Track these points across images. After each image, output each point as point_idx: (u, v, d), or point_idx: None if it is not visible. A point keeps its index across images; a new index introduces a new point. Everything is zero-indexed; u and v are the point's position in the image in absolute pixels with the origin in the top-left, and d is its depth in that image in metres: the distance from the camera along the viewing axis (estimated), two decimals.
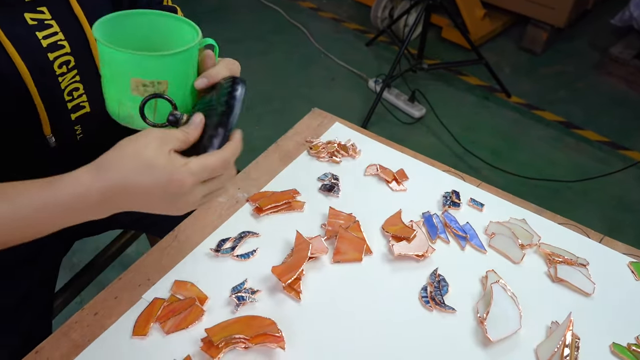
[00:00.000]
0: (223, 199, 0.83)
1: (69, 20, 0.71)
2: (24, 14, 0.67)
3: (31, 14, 0.67)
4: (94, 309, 0.68)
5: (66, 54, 0.71)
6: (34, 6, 0.68)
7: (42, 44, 0.68)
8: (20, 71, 0.65)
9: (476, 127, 2.26)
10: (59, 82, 0.72)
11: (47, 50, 0.68)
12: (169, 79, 0.58)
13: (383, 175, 0.87)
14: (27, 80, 0.66)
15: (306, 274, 0.72)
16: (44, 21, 0.68)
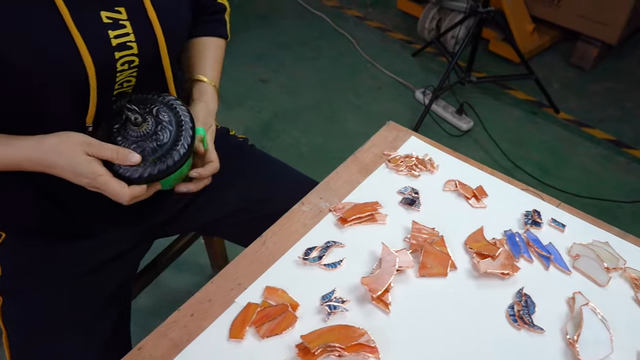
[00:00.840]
0: (306, 208, 0.85)
1: (142, 23, 0.75)
2: (100, 12, 0.71)
3: (108, 13, 0.71)
4: (189, 310, 0.71)
5: (132, 54, 0.74)
6: (112, 5, 0.72)
7: (112, 42, 0.71)
8: (86, 65, 0.69)
9: (524, 142, 2.24)
10: (116, 77, 0.75)
11: (115, 49, 0.72)
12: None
13: (462, 192, 0.88)
14: (90, 74, 0.70)
15: (393, 286, 0.74)
16: (118, 21, 0.72)
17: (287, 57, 2.72)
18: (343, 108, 2.41)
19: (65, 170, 0.71)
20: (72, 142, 0.70)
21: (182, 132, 0.75)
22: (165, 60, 0.79)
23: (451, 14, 2.69)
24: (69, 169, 0.70)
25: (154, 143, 0.74)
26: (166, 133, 0.75)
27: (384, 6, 3.24)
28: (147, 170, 0.73)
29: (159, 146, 0.74)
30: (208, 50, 0.96)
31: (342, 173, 0.91)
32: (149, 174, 0.73)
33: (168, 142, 0.75)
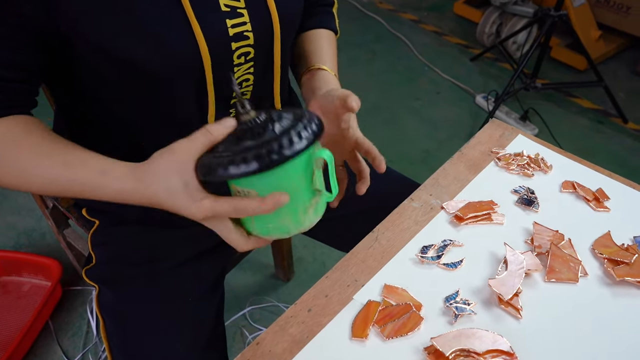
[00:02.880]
0: (416, 204, 0.80)
1: (260, 11, 0.70)
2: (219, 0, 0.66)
3: (226, 0, 0.67)
4: (306, 306, 0.67)
5: (248, 45, 0.70)
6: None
7: (229, 32, 0.67)
8: (203, 57, 0.65)
9: (592, 152, 2.16)
10: (234, 72, 0.71)
11: (232, 39, 0.68)
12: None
13: (582, 193, 0.82)
14: (206, 67, 0.66)
15: (522, 290, 0.68)
16: (236, 9, 0.67)
17: (343, 59, 2.69)
18: (402, 112, 2.36)
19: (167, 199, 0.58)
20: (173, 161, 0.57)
21: (305, 119, 0.55)
22: (277, 53, 0.75)
23: (513, 19, 2.63)
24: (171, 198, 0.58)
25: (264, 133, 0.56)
26: (285, 120, 0.56)
27: (440, 10, 3.19)
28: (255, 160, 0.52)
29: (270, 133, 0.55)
30: (323, 41, 0.89)
31: (449, 170, 0.86)
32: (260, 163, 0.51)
33: (287, 125, 0.55)
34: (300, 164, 0.56)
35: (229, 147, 0.54)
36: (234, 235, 0.59)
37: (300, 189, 0.57)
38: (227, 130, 0.56)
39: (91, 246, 0.86)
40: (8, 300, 1.49)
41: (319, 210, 0.61)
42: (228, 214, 0.55)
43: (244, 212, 0.54)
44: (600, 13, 2.65)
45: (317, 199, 0.60)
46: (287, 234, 0.61)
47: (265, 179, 0.54)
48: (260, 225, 0.59)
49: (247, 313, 1.50)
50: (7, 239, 1.70)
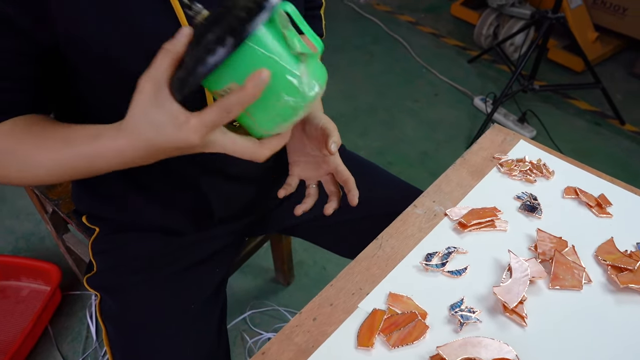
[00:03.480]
0: (420, 211, 0.80)
1: None
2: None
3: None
4: (311, 314, 0.67)
5: None
6: None
7: None
8: None
9: (590, 153, 2.16)
10: None
11: None
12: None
13: (584, 199, 0.82)
14: None
15: (527, 297, 0.68)
16: None
17: (341, 60, 2.69)
18: (400, 113, 2.37)
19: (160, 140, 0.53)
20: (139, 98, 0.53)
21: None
22: None
23: (510, 21, 2.63)
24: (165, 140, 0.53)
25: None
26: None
27: (437, 11, 3.20)
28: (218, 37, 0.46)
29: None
30: None
31: (452, 176, 0.86)
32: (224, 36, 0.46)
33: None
34: (263, 31, 0.49)
35: (192, 54, 0.49)
36: (243, 143, 0.54)
37: (277, 58, 0.50)
38: (185, 39, 0.50)
39: (92, 254, 0.86)
40: (7, 305, 1.49)
41: (318, 73, 0.54)
42: (218, 120, 0.50)
43: (232, 108, 0.48)
44: (597, 14, 2.66)
45: (305, 63, 0.52)
46: (297, 115, 0.53)
47: (236, 65, 0.49)
48: (262, 119, 0.53)
49: (247, 317, 1.50)
50: (6, 243, 1.70)
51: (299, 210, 0.81)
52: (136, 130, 0.52)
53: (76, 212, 0.91)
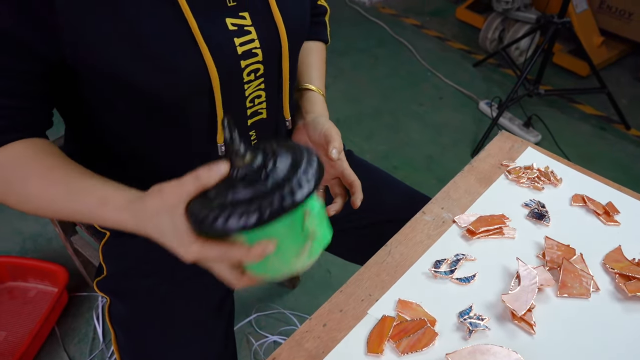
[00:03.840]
0: (429, 218, 0.81)
1: (267, 27, 0.70)
2: (225, 19, 0.66)
3: (232, 19, 0.67)
4: (321, 320, 0.68)
5: (258, 62, 0.70)
6: (236, 11, 0.67)
7: (238, 50, 0.67)
8: (212, 77, 0.65)
9: (595, 158, 2.17)
10: (244, 90, 0.71)
11: (241, 57, 0.68)
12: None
13: (592, 207, 0.83)
14: (214, 86, 0.66)
15: (535, 305, 0.69)
16: (243, 27, 0.67)
17: (346, 64, 2.70)
18: (405, 116, 2.37)
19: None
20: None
21: (304, 164, 0.53)
22: (286, 67, 0.75)
23: (515, 25, 2.64)
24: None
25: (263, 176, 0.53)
26: (282, 165, 0.53)
27: (442, 15, 3.20)
28: (256, 211, 0.49)
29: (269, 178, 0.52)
30: (312, 56, 0.92)
31: (460, 183, 0.87)
32: (259, 215, 0.49)
33: (284, 173, 0.52)
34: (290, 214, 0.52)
35: (220, 194, 0.52)
36: (226, 274, 0.57)
37: (289, 236, 0.55)
38: (218, 177, 0.52)
39: (102, 257, 0.87)
40: (14, 306, 1.50)
41: (313, 253, 0.58)
42: (216, 260, 0.55)
43: (231, 260, 0.53)
44: (602, 19, 2.66)
45: (309, 244, 0.57)
46: (280, 277, 0.59)
47: (256, 230, 0.51)
48: (253, 267, 0.58)
49: (253, 320, 1.51)
50: (13, 244, 1.71)
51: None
52: (141, 221, 0.56)
53: None
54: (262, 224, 0.49)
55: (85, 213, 0.60)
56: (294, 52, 0.76)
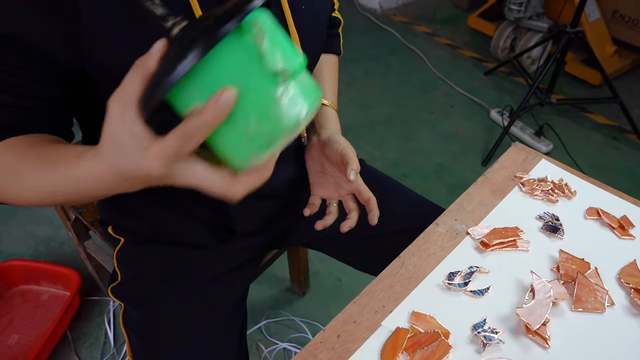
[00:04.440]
0: (442, 229, 0.81)
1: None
2: None
3: None
4: (335, 331, 0.68)
5: None
6: None
7: None
8: None
9: (607, 169, 2.15)
10: None
11: None
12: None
13: (607, 220, 0.82)
14: None
15: (549, 319, 0.69)
16: None
17: (357, 71, 2.71)
18: (416, 124, 2.37)
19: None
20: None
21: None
22: None
23: (527, 34, 2.63)
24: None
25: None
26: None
27: (454, 23, 3.20)
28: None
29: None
30: (325, 70, 0.93)
31: (473, 194, 0.87)
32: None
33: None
34: (233, 42, 0.41)
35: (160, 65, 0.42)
36: (213, 177, 0.46)
37: (248, 75, 0.42)
38: (158, 54, 0.43)
39: (117, 264, 0.87)
40: (27, 309, 1.51)
41: (304, 96, 0.44)
42: (180, 148, 0.43)
43: (193, 133, 0.41)
44: (615, 28, 2.65)
45: (285, 82, 0.43)
46: (274, 145, 0.44)
47: (202, 81, 0.42)
48: (234, 148, 0.45)
49: (262, 327, 1.51)
50: (26, 247, 1.72)
51: (319, 225, 0.82)
52: (107, 153, 0.46)
53: (102, 222, 0.92)
54: (203, 51, 0.38)
55: (66, 176, 0.52)
56: (310, 70, 0.77)
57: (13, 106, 0.58)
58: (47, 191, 0.55)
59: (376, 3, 3.27)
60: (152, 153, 0.43)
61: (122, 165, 0.45)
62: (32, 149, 0.58)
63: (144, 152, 0.43)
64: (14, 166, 0.57)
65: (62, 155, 0.55)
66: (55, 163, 0.54)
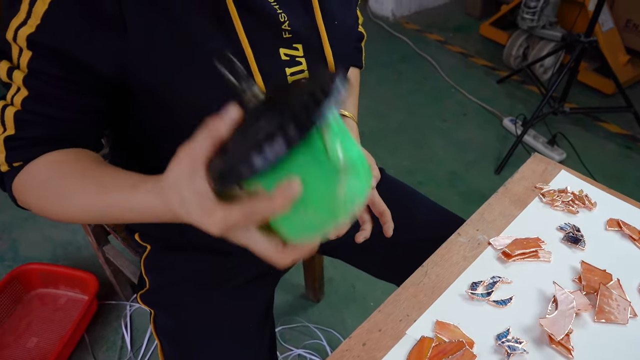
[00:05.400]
0: (464, 239, 0.82)
1: (317, 58, 0.73)
2: (279, 49, 0.69)
3: (286, 50, 0.69)
4: (360, 339, 0.69)
5: None
6: (290, 43, 0.70)
7: (288, 80, 0.70)
8: None
9: (621, 177, 2.15)
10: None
11: None
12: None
13: (627, 232, 0.83)
14: None
15: (572, 329, 0.69)
16: (295, 57, 0.70)
17: (370, 78, 2.72)
18: (429, 132, 2.38)
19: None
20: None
21: (321, 85, 0.43)
22: None
23: (540, 42, 2.64)
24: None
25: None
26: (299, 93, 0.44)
27: (466, 31, 3.21)
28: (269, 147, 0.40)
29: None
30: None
31: (494, 205, 0.88)
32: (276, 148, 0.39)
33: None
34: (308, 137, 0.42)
35: (238, 142, 0.44)
36: (265, 246, 0.49)
37: (312, 167, 0.44)
38: (230, 121, 0.45)
39: (144, 270, 0.89)
40: (45, 313, 1.53)
41: (357, 191, 0.47)
42: (241, 224, 0.45)
43: (257, 213, 0.44)
44: (628, 37, 2.65)
45: (344, 177, 0.45)
46: (326, 230, 0.48)
47: (273, 173, 0.44)
48: (289, 227, 0.48)
49: (277, 333, 1.52)
50: (44, 251, 1.75)
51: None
52: (166, 196, 0.50)
53: (128, 228, 0.94)
54: (288, 150, 0.39)
55: (117, 204, 0.55)
56: None
57: (54, 118, 0.60)
58: (97, 215, 0.58)
59: (389, 11, 3.29)
60: (215, 220, 0.45)
61: (178, 211, 0.48)
62: (77, 168, 0.60)
63: (206, 214, 0.46)
64: (61, 185, 0.59)
65: (112, 181, 0.57)
66: (106, 188, 0.56)
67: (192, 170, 0.45)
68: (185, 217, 0.48)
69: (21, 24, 0.55)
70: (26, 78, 0.57)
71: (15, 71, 0.57)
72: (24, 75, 0.57)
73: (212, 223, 0.46)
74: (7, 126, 0.59)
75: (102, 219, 0.60)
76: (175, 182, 0.48)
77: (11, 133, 0.59)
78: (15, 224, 1.84)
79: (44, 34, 0.55)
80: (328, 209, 0.46)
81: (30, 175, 0.61)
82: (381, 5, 3.33)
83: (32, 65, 0.56)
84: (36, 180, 0.60)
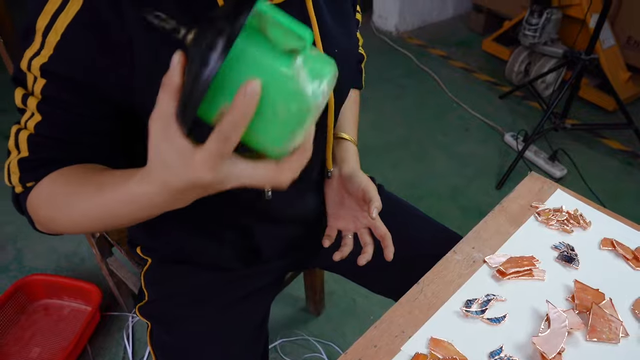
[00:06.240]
0: (459, 257, 0.83)
1: None
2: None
3: None
4: (356, 355, 0.70)
5: None
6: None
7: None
8: None
9: (621, 194, 2.16)
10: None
11: None
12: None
13: (621, 251, 0.84)
14: None
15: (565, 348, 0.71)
16: None
17: (372, 93, 2.75)
18: (431, 147, 2.40)
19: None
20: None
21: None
22: (331, 118, 0.79)
23: (542, 59, 2.66)
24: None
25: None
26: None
27: (468, 46, 3.24)
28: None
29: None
30: (347, 106, 0.97)
31: (490, 223, 0.90)
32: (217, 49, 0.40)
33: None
34: (243, 39, 0.43)
35: (188, 74, 0.44)
36: (259, 171, 0.47)
37: (262, 63, 0.43)
38: (179, 66, 0.44)
39: (144, 284, 0.91)
40: (49, 323, 1.55)
41: (319, 67, 0.46)
42: (221, 149, 0.44)
43: (229, 133, 0.43)
44: (629, 55, 2.68)
45: (299, 60, 0.44)
46: (306, 121, 0.46)
47: (223, 82, 0.43)
48: (270, 136, 0.46)
49: (278, 345, 1.53)
50: (49, 262, 1.77)
51: (337, 257, 0.86)
52: (155, 172, 0.49)
53: (131, 242, 0.96)
54: (227, 47, 0.40)
55: (116, 199, 0.55)
56: (338, 108, 0.81)
57: (66, 141, 0.62)
58: (97, 216, 0.58)
59: (392, 26, 3.33)
60: (198, 161, 0.45)
61: (172, 181, 0.47)
62: (78, 176, 0.61)
63: (190, 162, 0.45)
64: (62, 193, 0.60)
65: (108, 179, 0.58)
66: (102, 187, 0.57)
67: (165, 129, 0.45)
68: (176, 182, 0.47)
69: (35, 54, 0.58)
70: (40, 104, 0.59)
71: (29, 97, 0.60)
72: (37, 101, 0.59)
73: (198, 168, 0.45)
74: (21, 149, 0.62)
75: (104, 220, 0.59)
76: (155, 152, 0.47)
77: (25, 155, 0.62)
78: (20, 235, 1.86)
79: (56, 64, 0.57)
80: (295, 95, 0.44)
81: (39, 189, 0.63)
82: (385, 21, 3.37)
83: (45, 92, 0.59)
84: (44, 192, 0.62)
